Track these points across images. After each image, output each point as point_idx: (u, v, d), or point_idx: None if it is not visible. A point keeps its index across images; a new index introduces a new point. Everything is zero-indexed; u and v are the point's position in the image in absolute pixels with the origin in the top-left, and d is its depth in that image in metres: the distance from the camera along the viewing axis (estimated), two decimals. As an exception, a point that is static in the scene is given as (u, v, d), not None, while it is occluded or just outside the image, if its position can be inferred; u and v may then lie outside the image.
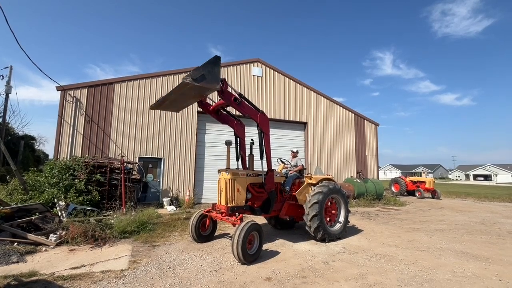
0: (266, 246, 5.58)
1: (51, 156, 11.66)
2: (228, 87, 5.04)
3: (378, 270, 4.51)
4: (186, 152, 12.16)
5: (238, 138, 6.33)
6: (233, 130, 6.29)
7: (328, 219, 6.44)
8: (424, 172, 24.28)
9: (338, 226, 6.58)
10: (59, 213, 6.90)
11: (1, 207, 6.11)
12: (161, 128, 11.87)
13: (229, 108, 6.16)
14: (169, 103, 5.46)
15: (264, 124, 5.67)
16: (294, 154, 7.54)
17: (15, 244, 5.07)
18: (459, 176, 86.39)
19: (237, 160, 6.33)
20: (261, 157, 5.68)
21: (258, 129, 5.65)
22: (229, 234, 6.64)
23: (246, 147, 6.40)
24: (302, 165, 7.31)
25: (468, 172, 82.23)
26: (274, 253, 5.25)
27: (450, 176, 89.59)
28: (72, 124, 10.47)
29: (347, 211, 6.80)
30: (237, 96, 5.17)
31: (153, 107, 5.59)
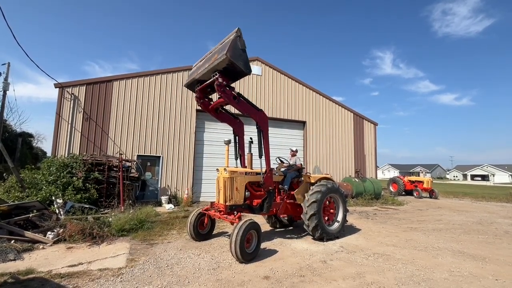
0: (264, 245, 5.58)
1: (49, 154, 11.60)
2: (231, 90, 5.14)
3: (375, 269, 4.52)
4: (185, 151, 12.13)
5: (237, 137, 6.32)
6: (232, 128, 6.28)
7: (326, 218, 6.46)
8: (422, 172, 24.38)
9: (336, 225, 6.59)
10: (57, 211, 6.87)
11: (-2, 205, 6.07)
12: (160, 126, 11.83)
13: (228, 107, 6.16)
14: (199, 65, 5.60)
15: (263, 123, 5.67)
16: (293, 153, 7.53)
17: (12, 241, 5.05)
18: (456, 176, 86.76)
19: (236, 159, 6.33)
20: (260, 156, 5.68)
21: (257, 128, 5.65)
22: (227, 232, 6.64)
23: (245, 145, 6.40)
24: (301, 164, 7.31)
25: (465, 172, 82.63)
26: (272, 252, 5.25)
27: (447, 176, 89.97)
28: (70, 122, 10.41)
29: (345, 210, 6.81)
30: (236, 95, 5.18)
31: (196, 63, 5.97)
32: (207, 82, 5.30)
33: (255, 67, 14.11)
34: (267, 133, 5.76)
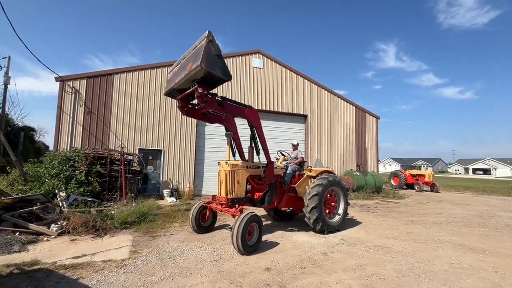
0: (265, 238, 5.63)
1: (51, 148, 11.67)
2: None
3: (376, 261, 4.56)
4: (186, 144, 12.15)
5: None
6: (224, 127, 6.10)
7: (327, 211, 6.49)
8: (423, 166, 24.35)
9: (337, 218, 6.63)
10: (60, 204, 6.94)
11: (2, 198, 6.13)
12: (161, 120, 11.82)
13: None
14: (175, 71, 5.17)
15: (254, 118, 5.52)
16: (295, 147, 7.54)
17: (17, 233, 5.12)
18: (458, 170, 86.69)
19: (233, 155, 6.21)
20: (257, 153, 5.67)
21: (249, 126, 5.54)
22: (229, 225, 6.69)
23: (241, 139, 6.24)
24: (302, 157, 7.32)
25: (467, 166, 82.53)
26: (274, 244, 5.30)
27: (449, 170, 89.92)
28: (71, 116, 10.42)
29: (346, 204, 6.84)
30: (220, 99, 4.92)
31: (171, 69, 5.51)
32: (187, 92, 4.96)
33: (256, 60, 13.98)
34: (261, 128, 5.65)
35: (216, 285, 3.52)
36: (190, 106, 5.54)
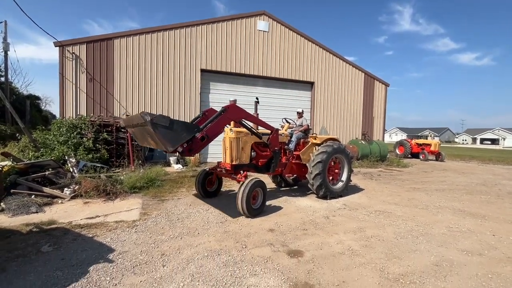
0: (269, 202, 5.81)
1: (58, 117, 11.75)
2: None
3: (376, 224, 4.72)
4: (190, 112, 12.06)
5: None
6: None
7: (330, 177, 6.59)
8: (430, 135, 24.03)
9: (340, 184, 6.75)
10: (71, 169, 7.17)
11: (16, 163, 6.35)
12: (164, 87, 11.61)
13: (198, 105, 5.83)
14: (136, 130, 4.71)
15: (239, 114, 5.20)
16: (300, 115, 7.43)
17: (32, 196, 5.38)
18: (465, 140, 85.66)
19: None
20: (260, 138, 5.68)
21: (237, 122, 5.38)
22: (234, 191, 6.90)
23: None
24: (308, 125, 7.24)
25: (475, 136, 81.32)
26: (277, 209, 5.49)
27: (456, 140, 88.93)
28: (74, 83, 10.29)
29: (350, 171, 6.91)
30: (200, 133, 4.56)
31: (124, 122, 5.14)
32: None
33: (262, 23, 13.21)
34: (247, 114, 5.36)
35: (222, 243, 3.72)
36: None
